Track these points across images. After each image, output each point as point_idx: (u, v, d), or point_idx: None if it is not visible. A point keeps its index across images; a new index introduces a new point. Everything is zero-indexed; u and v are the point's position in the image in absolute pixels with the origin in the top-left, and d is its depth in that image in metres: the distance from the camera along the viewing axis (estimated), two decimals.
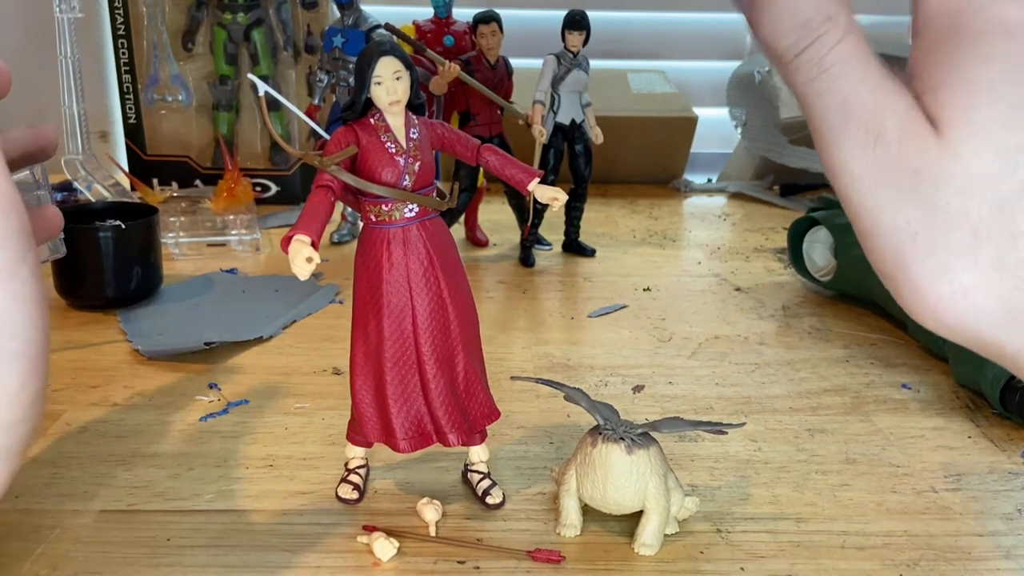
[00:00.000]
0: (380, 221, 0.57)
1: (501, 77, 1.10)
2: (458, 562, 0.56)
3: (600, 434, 0.57)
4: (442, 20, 1.16)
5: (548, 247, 1.22)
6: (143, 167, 1.37)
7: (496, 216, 1.29)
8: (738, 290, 1.09)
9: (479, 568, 0.56)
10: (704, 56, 1.73)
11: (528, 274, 1.13)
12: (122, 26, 1.33)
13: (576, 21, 1.08)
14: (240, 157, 1.33)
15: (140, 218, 0.98)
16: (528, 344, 0.91)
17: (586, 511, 0.60)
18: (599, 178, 1.25)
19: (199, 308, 0.98)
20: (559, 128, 1.12)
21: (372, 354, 0.59)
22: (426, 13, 1.17)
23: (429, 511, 0.59)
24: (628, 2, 1.68)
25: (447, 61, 1.04)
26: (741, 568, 0.56)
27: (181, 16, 1.36)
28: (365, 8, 1.16)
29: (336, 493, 0.63)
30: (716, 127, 1.62)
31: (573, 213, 1.19)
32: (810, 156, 1.51)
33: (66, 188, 1.27)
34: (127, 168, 1.37)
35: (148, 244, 0.98)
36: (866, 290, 0.99)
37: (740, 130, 1.58)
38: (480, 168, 0.65)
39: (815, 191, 1.53)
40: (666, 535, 0.58)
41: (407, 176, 0.56)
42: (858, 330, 0.96)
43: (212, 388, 0.79)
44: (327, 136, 0.59)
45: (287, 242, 0.51)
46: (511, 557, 0.56)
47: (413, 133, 0.57)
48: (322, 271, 1.08)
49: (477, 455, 0.63)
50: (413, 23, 1.17)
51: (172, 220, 1.15)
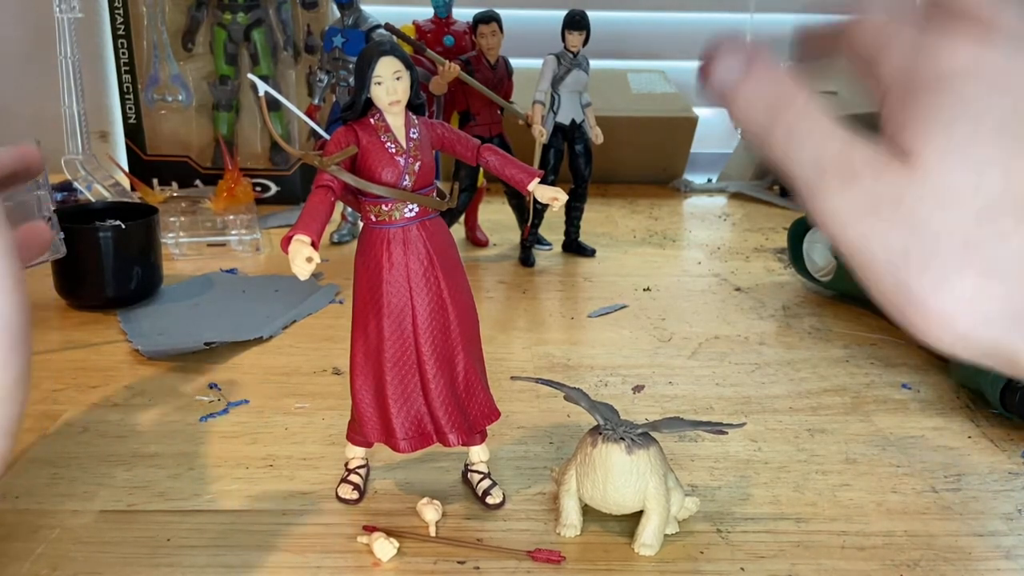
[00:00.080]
0: (380, 221, 0.57)
1: (501, 77, 1.10)
2: (458, 562, 0.56)
3: (600, 434, 0.57)
4: (442, 20, 1.16)
5: (548, 247, 1.22)
6: (143, 167, 1.37)
7: (496, 216, 1.29)
8: (738, 290, 1.09)
9: (479, 568, 0.56)
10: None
11: (528, 274, 1.13)
12: (122, 26, 1.33)
13: (576, 21, 1.08)
14: (240, 157, 1.33)
15: (140, 218, 0.98)
16: (528, 344, 0.91)
17: (586, 511, 0.60)
18: (599, 178, 1.25)
19: (199, 308, 0.98)
20: (559, 128, 1.12)
21: (372, 354, 0.59)
22: (426, 13, 1.17)
23: (429, 511, 0.59)
24: (628, 2, 1.68)
25: (447, 61, 1.04)
26: (741, 568, 0.56)
27: (181, 16, 1.36)
28: (365, 8, 1.16)
29: (336, 493, 0.63)
30: (716, 127, 1.62)
31: (573, 213, 1.19)
32: None
33: (66, 188, 1.27)
34: (127, 168, 1.37)
35: (148, 244, 0.98)
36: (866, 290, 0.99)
37: (740, 130, 1.58)
38: (480, 168, 0.65)
39: None
40: (666, 535, 0.58)
41: (407, 176, 0.56)
42: (858, 330, 0.96)
43: (212, 388, 0.79)
44: (327, 136, 0.59)
45: (287, 242, 0.51)
46: (511, 557, 0.56)
47: (413, 133, 0.57)
48: (322, 271, 1.08)
49: (477, 455, 0.63)
50: (413, 23, 1.17)
51: (172, 220, 1.15)
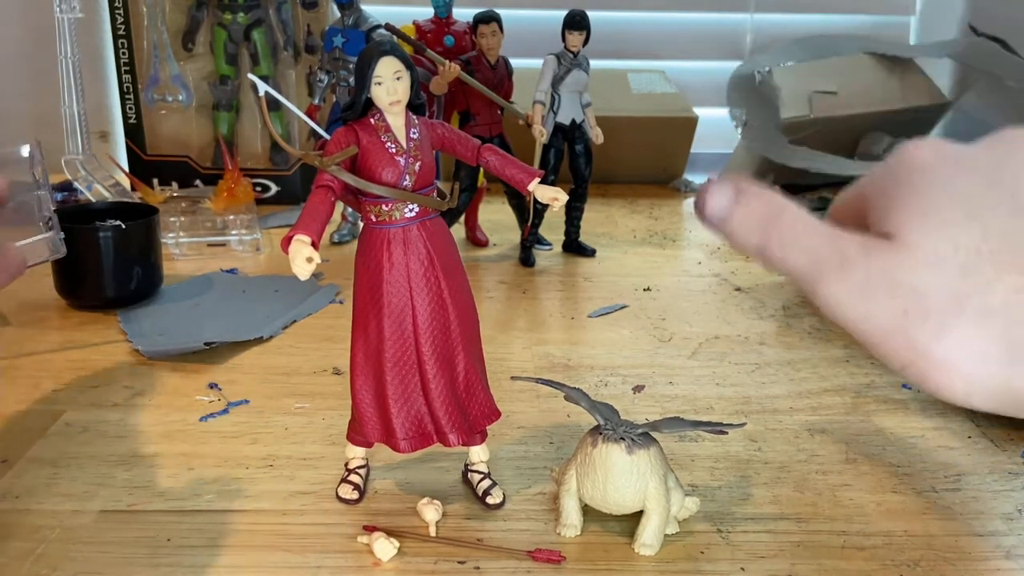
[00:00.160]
0: (380, 221, 0.57)
1: (501, 77, 1.10)
2: (458, 562, 0.56)
3: (600, 434, 0.57)
4: (442, 20, 1.16)
5: (548, 247, 1.21)
6: (143, 167, 1.37)
7: (496, 216, 1.29)
8: (738, 290, 1.09)
9: (479, 568, 0.56)
10: (704, 56, 1.73)
11: (528, 274, 1.13)
12: (122, 26, 1.33)
13: (576, 21, 1.08)
14: (240, 157, 1.33)
15: (140, 218, 0.98)
16: (528, 344, 0.91)
17: (586, 511, 0.60)
18: (599, 178, 1.25)
19: (199, 308, 0.98)
20: (559, 128, 1.12)
21: (372, 354, 0.59)
22: (426, 13, 1.17)
23: (429, 511, 0.59)
24: (628, 2, 1.68)
25: (447, 61, 1.04)
26: (741, 568, 0.56)
27: (181, 16, 1.36)
28: (365, 8, 1.16)
29: (336, 493, 0.63)
30: (716, 127, 1.62)
31: (573, 213, 1.19)
32: (810, 156, 1.50)
33: (66, 188, 1.27)
34: (127, 168, 1.37)
35: (148, 244, 0.98)
36: None
37: (740, 130, 1.58)
38: (480, 168, 0.65)
39: (815, 191, 1.53)
40: (666, 535, 0.58)
41: (407, 176, 0.56)
42: None
43: (212, 388, 0.79)
44: (327, 136, 0.59)
45: (287, 242, 0.51)
46: (511, 557, 0.56)
47: (413, 133, 0.57)
48: (322, 271, 1.08)
49: (477, 455, 0.63)
50: (413, 23, 1.17)
51: (172, 220, 1.15)
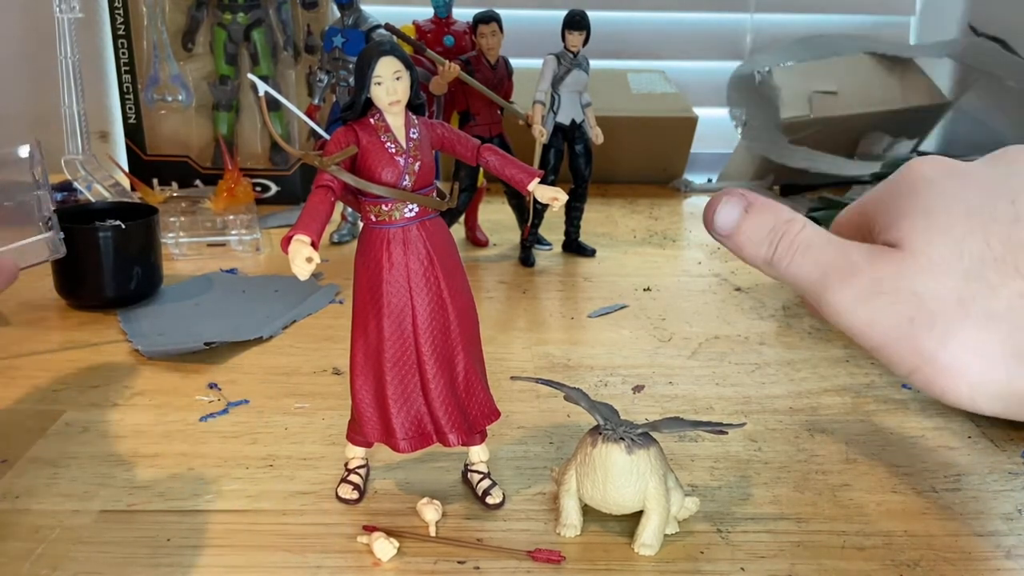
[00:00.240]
0: (380, 221, 0.57)
1: (501, 77, 1.10)
2: (458, 562, 0.56)
3: (600, 434, 0.57)
4: (442, 20, 1.16)
5: (548, 247, 1.22)
6: (143, 167, 1.37)
7: (496, 216, 1.29)
8: (738, 290, 1.09)
9: (479, 568, 0.56)
10: (704, 56, 1.73)
11: (528, 274, 1.13)
12: (122, 26, 1.33)
13: (576, 21, 1.08)
14: (240, 157, 1.33)
15: (140, 218, 0.98)
16: (528, 344, 0.91)
17: (586, 511, 0.60)
18: (599, 178, 1.25)
19: (199, 308, 0.98)
20: (559, 128, 1.12)
21: (372, 354, 0.59)
22: (426, 13, 1.17)
23: (429, 511, 0.59)
24: (628, 2, 1.68)
25: (447, 61, 1.04)
26: (741, 568, 0.56)
27: (181, 16, 1.36)
28: (365, 8, 1.16)
29: (336, 493, 0.63)
30: (716, 127, 1.62)
31: (573, 213, 1.19)
32: (810, 156, 1.51)
33: (66, 188, 1.27)
34: (127, 168, 1.37)
35: (148, 244, 0.98)
36: None
37: (740, 130, 1.58)
38: (480, 168, 0.65)
39: (815, 191, 1.53)
40: (666, 535, 0.58)
41: (407, 176, 0.56)
42: None
43: (212, 388, 0.79)
44: (327, 136, 0.59)
45: (287, 242, 0.51)
46: (511, 557, 0.56)
47: (413, 133, 0.57)
48: (322, 271, 1.08)
49: (477, 455, 0.63)
50: (413, 23, 1.17)
51: (172, 220, 1.15)
